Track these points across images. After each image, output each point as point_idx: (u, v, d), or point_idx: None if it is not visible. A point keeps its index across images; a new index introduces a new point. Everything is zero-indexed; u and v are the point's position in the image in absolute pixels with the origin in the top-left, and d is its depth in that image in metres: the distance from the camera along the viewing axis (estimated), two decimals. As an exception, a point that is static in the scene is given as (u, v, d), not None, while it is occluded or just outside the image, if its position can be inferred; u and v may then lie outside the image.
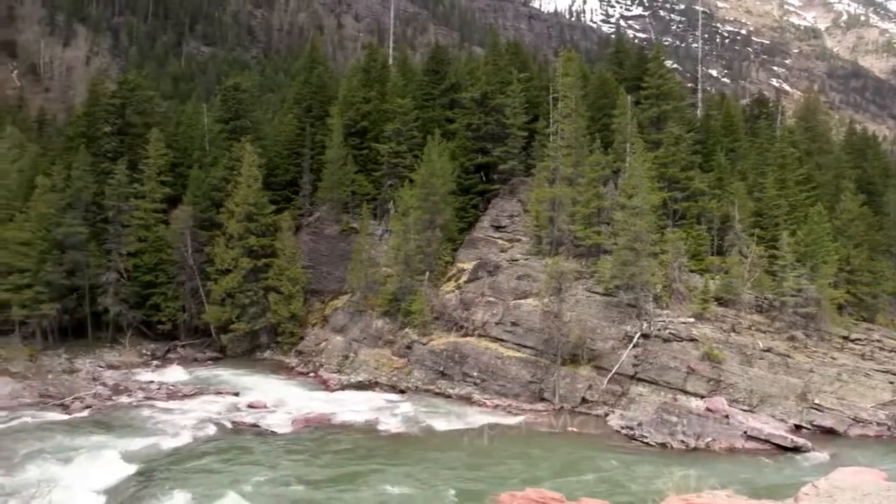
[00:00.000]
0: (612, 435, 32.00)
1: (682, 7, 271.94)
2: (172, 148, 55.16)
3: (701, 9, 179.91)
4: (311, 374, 43.85)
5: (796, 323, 38.49)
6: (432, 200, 46.05)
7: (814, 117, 64.24)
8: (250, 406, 35.99)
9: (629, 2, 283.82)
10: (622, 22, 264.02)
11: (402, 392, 39.66)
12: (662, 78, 50.70)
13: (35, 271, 44.71)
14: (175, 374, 43.34)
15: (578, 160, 44.73)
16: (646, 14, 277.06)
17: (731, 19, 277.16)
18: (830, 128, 70.56)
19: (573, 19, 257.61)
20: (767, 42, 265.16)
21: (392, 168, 52.14)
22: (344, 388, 40.41)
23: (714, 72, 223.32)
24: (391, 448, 29.99)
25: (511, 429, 33.18)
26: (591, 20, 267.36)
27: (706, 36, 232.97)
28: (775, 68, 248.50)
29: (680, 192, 45.73)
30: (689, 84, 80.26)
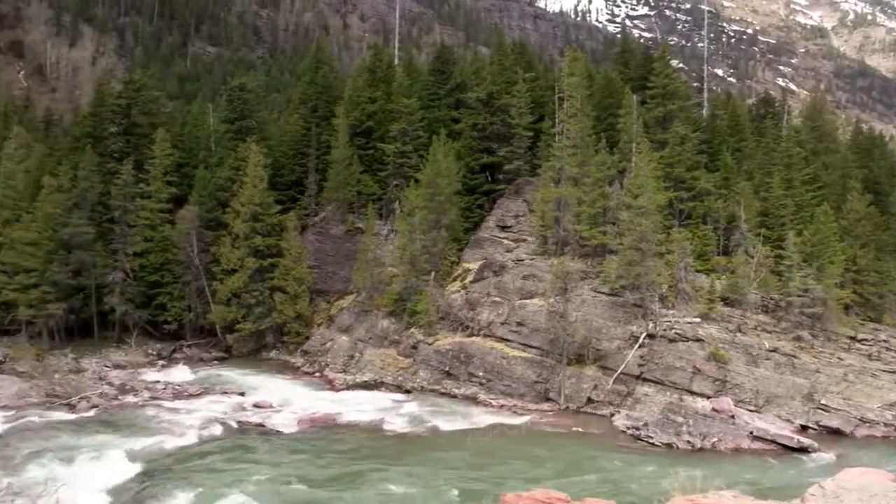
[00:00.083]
0: (618, 435, 31.95)
1: (688, 6, 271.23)
2: (178, 148, 55.29)
3: (707, 8, 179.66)
4: (317, 374, 43.90)
5: (802, 323, 38.41)
6: (438, 200, 46.06)
7: (820, 117, 64.04)
8: (256, 406, 36.08)
9: (635, 1, 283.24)
10: (628, 21, 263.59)
11: (408, 392, 39.68)
12: (668, 77, 50.61)
13: (42, 271, 44.89)
14: (181, 374, 43.46)
15: (584, 160, 44.70)
16: (651, 14, 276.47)
17: (737, 18, 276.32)
18: (837, 127, 70.18)
19: (579, 19, 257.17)
20: (773, 41, 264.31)
21: (397, 168, 52.18)
22: (349, 388, 40.46)
23: (720, 71, 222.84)
24: (396, 448, 30.03)
25: (516, 429, 33.17)
26: (597, 20, 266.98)
27: (712, 35, 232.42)
28: (781, 68, 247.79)
29: (686, 192, 45.64)
30: (695, 84, 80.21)
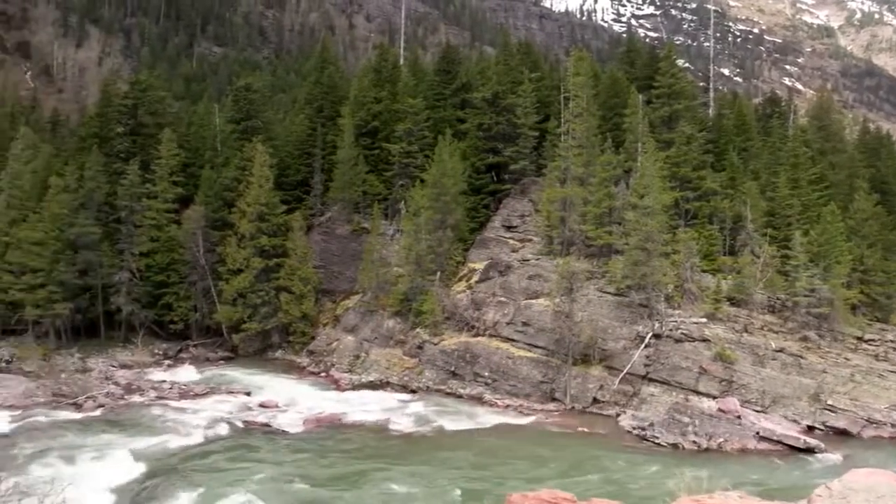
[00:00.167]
0: (624, 435, 31.91)
1: (694, 6, 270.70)
2: (184, 148, 55.40)
3: (713, 7, 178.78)
4: (323, 374, 43.93)
5: (809, 323, 38.28)
6: (443, 200, 46.05)
7: (827, 116, 63.85)
8: (262, 406, 36.12)
9: (640, 1, 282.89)
10: (633, 21, 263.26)
11: (414, 392, 39.69)
12: (674, 77, 50.50)
13: (48, 271, 45.06)
14: (187, 374, 43.55)
15: (590, 160, 44.63)
16: (657, 13, 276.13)
17: (744, 18, 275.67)
18: (844, 127, 70.01)
19: (584, 19, 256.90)
20: (780, 41, 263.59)
21: (403, 168, 52.17)
22: (355, 388, 40.46)
23: (726, 71, 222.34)
24: (401, 448, 30.04)
25: (522, 429, 33.16)
26: (603, 19, 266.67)
27: (718, 35, 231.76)
28: (788, 67, 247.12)
29: (692, 192, 45.53)
30: (701, 83, 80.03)
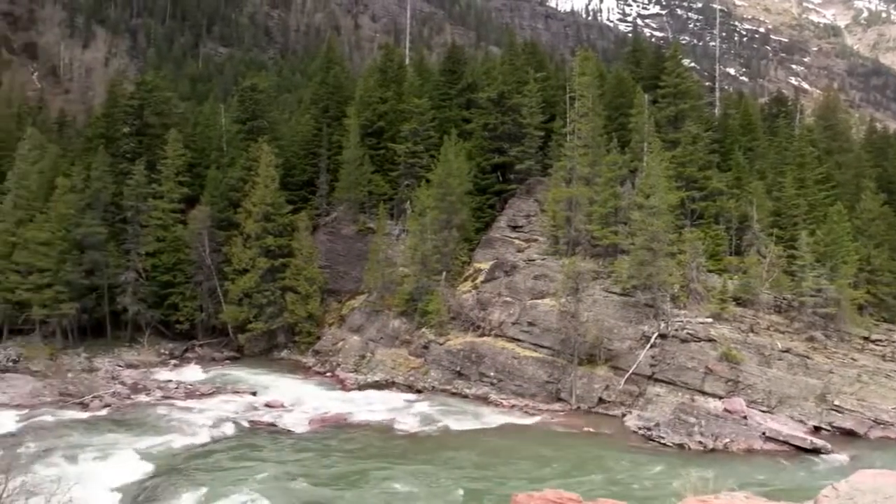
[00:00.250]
0: (629, 435, 31.85)
1: (700, 5, 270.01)
2: (190, 148, 55.56)
3: (719, 7, 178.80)
4: (328, 374, 43.97)
5: (815, 323, 38.18)
6: (449, 200, 46.07)
7: (833, 116, 63.68)
8: (267, 405, 36.20)
9: (646, 0, 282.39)
10: (639, 21, 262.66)
11: (419, 392, 39.70)
12: (680, 77, 50.42)
13: (55, 271, 45.18)
14: (193, 374, 43.69)
15: (595, 160, 44.59)
16: (663, 13, 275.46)
17: (750, 17, 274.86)
18: (850, 126, 69.84)
19: (590, 18, 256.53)
20: (786, 40, 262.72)
21: (409, 168, 52.22)
22: (361, 388, 40.49)
23: (732, 70, 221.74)
24: (405, 447, 30.06)
25: (527, 429, 33.14)
26: (608, 19, 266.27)
27: (724, 34, 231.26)
28: (794, 66, 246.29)
29: (698, 192, 45.44)
30: (707, 83, 79.97)
